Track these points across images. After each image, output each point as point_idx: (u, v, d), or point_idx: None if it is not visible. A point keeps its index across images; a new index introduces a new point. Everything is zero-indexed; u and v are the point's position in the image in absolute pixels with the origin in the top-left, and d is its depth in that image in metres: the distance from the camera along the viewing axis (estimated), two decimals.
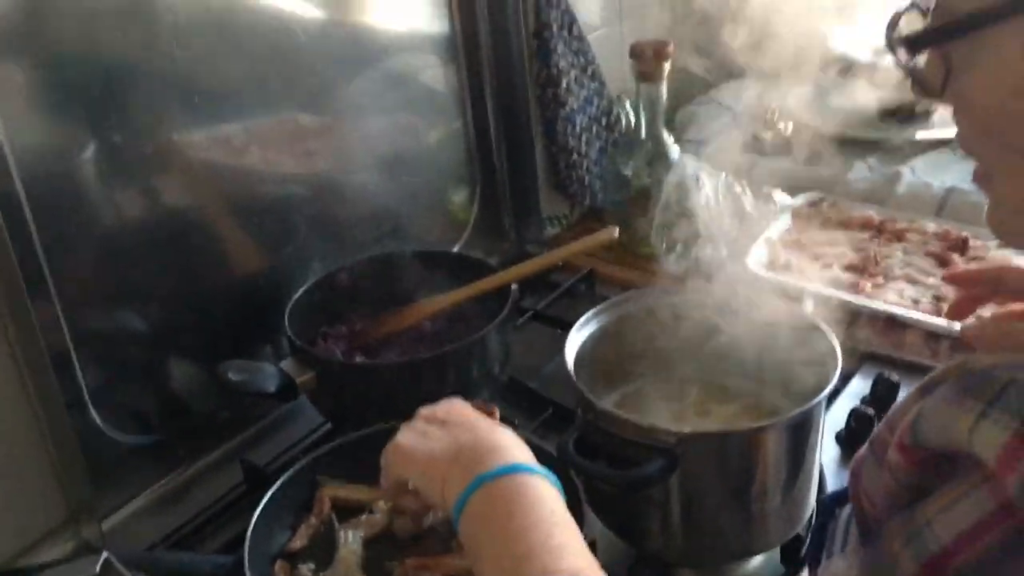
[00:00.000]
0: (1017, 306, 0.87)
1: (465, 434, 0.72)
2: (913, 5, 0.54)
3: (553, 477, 0.68)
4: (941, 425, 0.53)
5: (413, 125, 1.29)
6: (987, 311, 0.90)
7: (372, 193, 1.23)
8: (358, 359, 1.09)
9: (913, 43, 0.54)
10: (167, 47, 0.96)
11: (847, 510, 0.70)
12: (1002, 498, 0.49)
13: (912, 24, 0.55)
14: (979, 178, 0.57)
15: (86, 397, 0.94)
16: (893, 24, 0.54)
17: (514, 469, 0.67)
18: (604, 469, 0.79)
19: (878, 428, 0.64)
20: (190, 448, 1.05)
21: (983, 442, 0.49)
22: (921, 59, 0.54)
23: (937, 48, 0.53)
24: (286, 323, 1.04)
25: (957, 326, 0.94)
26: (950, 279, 0.99)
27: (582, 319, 0.93)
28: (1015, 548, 0.49)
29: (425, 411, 0.78)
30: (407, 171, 1.27)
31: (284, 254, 1.15)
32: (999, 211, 0.57)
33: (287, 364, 1.01)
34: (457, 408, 0.77)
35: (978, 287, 0.90)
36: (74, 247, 0.92)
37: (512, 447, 0.70)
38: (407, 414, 0.79)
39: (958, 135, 0.56)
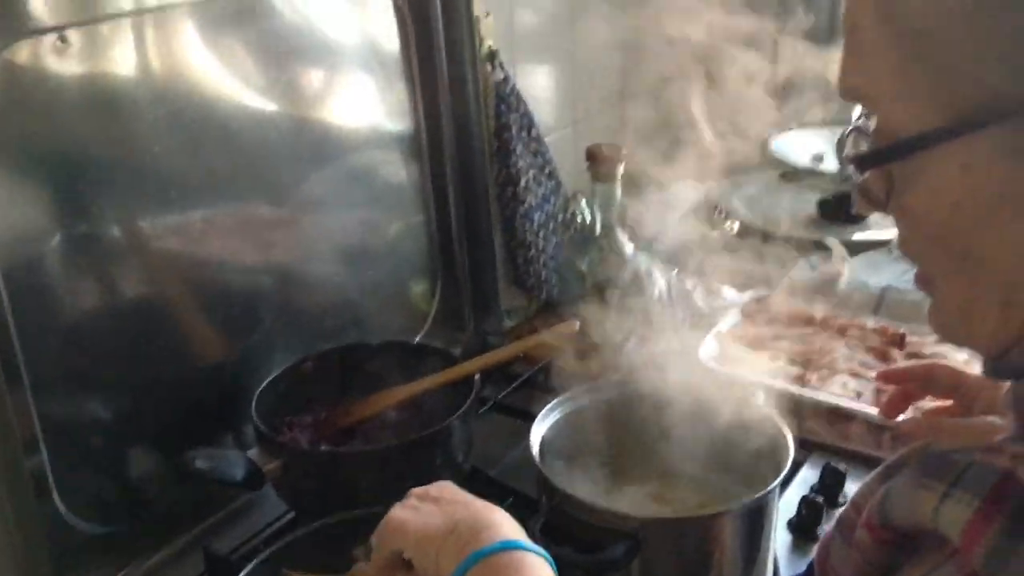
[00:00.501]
0: (945, 402, 0.93)
1: (461, 510, 0.72)
2: (855, 128, 0.59)
3: (548, 557, 0.69)
4: (908, 505, 0.56)
5: (377, 219, 1.33)
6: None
7: (336, 284, 1.26)
8: (323, 448, 1.10)
9: (858, 162, 0.57)
10: (146, 142, 1.00)
11: None
12: (968, 571, 0.52)
13: (859, 144, 0.59)
14: (920, 280, 0.60)
15: (51, 484, 0.94)
16: (841, 145, 0.59)
17: (511, 546, 0.67)
18: (570, 553, 0.81)
19: (843, 509, 0.67)
20: (152, 537, 1.04)
21: (948, 520, 0.52)
22: (868, 174, 0.57)
23: (879, 167, 0.57)
24: (253, 412, 1.05)
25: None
26: (883, 378, 1.04)
27: (544, 409, 0.97)
28: None
29: (417, 490, 0.78)
30: (370, 263, 1.31)
31: (249, 344, 1.16)
32: (940, 314, 0.59)
33: (254, 453, 1.01)
34: (449, 488, 0.78)
35: (909, 384, 0.95)
36: (46, 334, 0.93)
37: (507, 525, 0.71)
38: (371, 503, 0.79)
39: (900, 241, 0.59)
